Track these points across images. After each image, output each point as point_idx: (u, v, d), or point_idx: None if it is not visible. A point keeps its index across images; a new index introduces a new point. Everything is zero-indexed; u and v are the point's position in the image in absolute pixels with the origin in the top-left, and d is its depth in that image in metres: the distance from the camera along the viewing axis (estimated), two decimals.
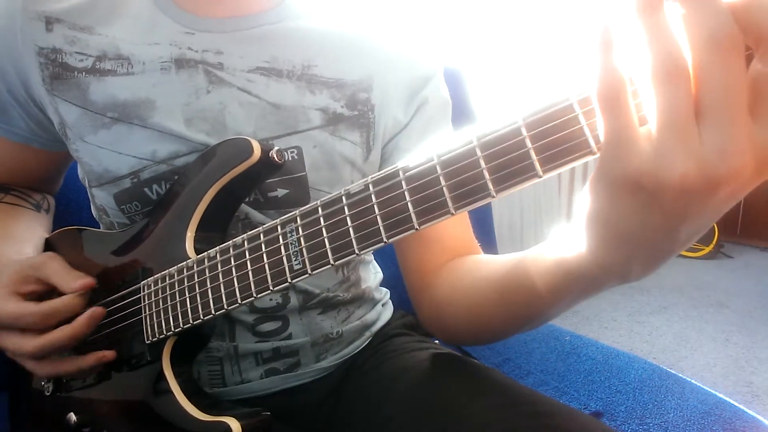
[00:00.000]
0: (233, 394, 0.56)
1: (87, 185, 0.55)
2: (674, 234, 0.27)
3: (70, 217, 0.71)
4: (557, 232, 0.36)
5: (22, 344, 0.46)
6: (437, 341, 0.66)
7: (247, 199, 0.52)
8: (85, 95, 0.50)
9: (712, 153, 0.23)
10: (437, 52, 0.59)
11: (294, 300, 0.56)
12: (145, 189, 0.51)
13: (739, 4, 0.22)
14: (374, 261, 0.72)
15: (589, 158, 0.27)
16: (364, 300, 0.65)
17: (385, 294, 0.71)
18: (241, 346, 0.55)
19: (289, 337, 0.56)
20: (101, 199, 0.54)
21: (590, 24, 0.25)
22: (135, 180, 0.51)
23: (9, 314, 0.45)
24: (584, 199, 0.29)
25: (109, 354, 0.48)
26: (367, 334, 0.65)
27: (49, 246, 0.58)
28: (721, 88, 0.22)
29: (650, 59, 0.23)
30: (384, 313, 0.69)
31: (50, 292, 0.48)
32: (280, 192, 0.52)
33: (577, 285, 0.34)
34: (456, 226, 0.55)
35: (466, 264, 0.51)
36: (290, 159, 0.52)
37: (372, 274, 0.68)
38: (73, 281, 0.47)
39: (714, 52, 0.22)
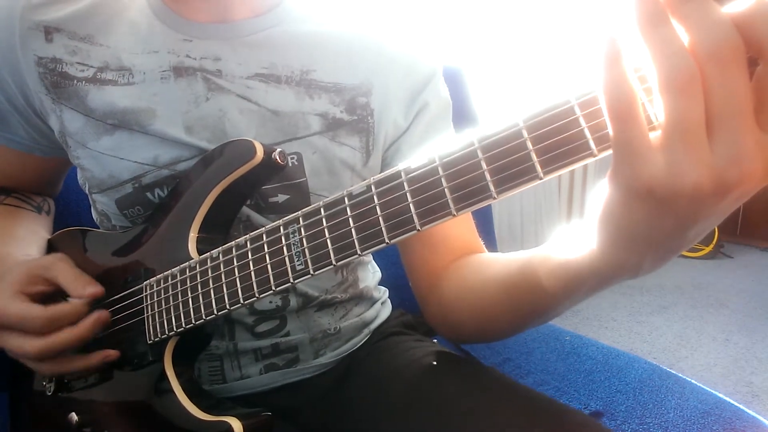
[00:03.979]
0: (233, 390, 0.56)
1: (87, 191, 0.55)
2: (684, 234, 0.28)
3: (69, 218, 0.71)
4: (563, 231, 0.36)
5: (25, 346, 0.46)
6: (435, 340, 0.66)
7: (248, 203, 0.52)
8: (84, 102, 0.50)
9: (723, 161, 0.23)
10: (436, 53, 0.58)
11: (293, 302, 0.56)
12: (147, 193, 0.51)
13: (741, 15, 0.23)
14: (373, 260, 0.72)
15: (590, 160, 0.27)
16: (362, 298, 0.65)
17: (383, 293, 0.72)
18: (240, 344, 0.55)
19: (287, 334, 0.57)
20: (103, 204, 0.54)
21: (597, 33, 0.25)
22: (137, 185, 0.51)
23: (14, 315, 0.45)
24: (596, 201, 0.30)
25: (113, 353, 0.48)
26: (366, 331, 0.65)
27: (51, 247, 0.58)
28: (727, 98, 0.23)
29: (658, 72, 0.24)
30: (383, 311, 0.69)
31: (57, 293, 0.48)
32: (281, 197, 0.52)
33: (587, 283, 0.35)
34: (460, 227, 0.55)
35: (472, 264, 0.51)
36: (290, 165, 0.52)
37: (370, 274, 0.68)
38: (82, 287, 0.47)
39: (717, 64, 0.23)
